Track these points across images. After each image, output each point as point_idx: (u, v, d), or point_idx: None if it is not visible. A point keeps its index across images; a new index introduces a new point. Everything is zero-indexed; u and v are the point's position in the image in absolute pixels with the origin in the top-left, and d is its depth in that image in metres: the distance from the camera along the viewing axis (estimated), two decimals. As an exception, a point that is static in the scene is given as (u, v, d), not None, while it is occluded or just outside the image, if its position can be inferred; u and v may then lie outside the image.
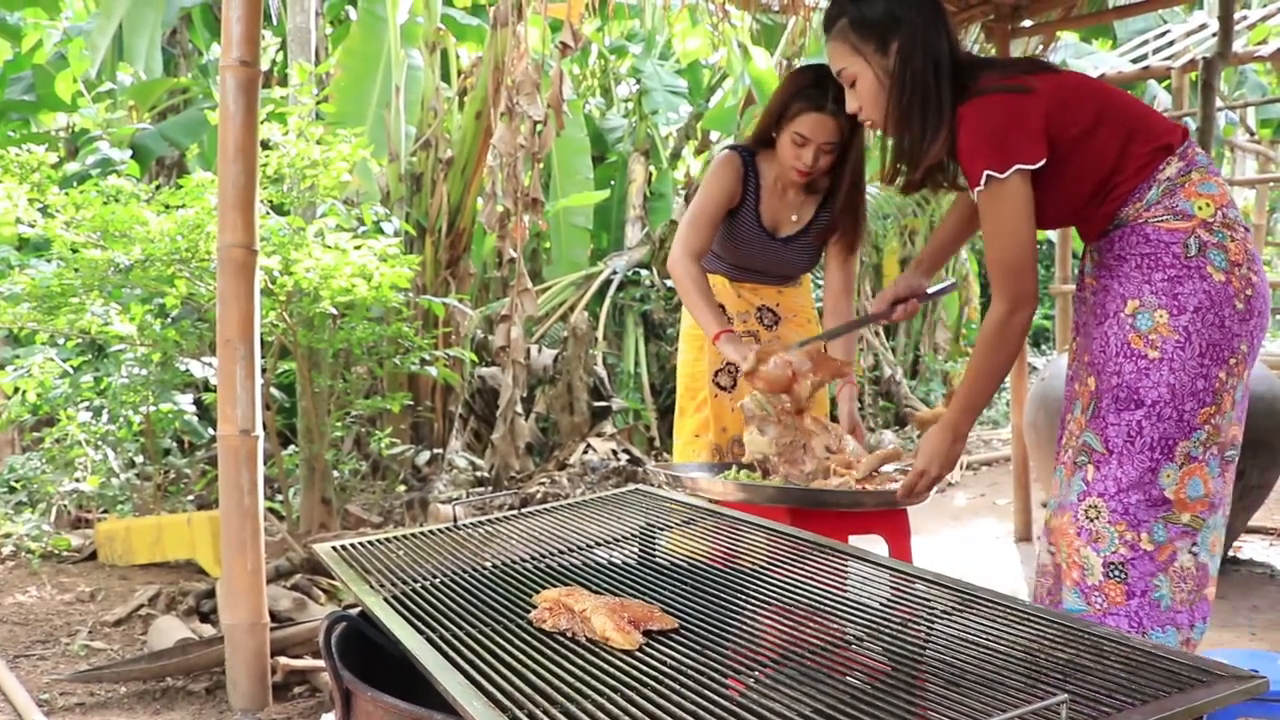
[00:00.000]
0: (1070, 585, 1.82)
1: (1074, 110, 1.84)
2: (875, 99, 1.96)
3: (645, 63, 8.48)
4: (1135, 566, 1.79)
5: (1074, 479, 1.86)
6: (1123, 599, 1.78)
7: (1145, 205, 1.84)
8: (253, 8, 2.50)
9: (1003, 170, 1.80)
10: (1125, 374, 1.82)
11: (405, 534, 1.86)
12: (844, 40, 1.97)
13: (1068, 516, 1.83)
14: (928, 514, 4.75)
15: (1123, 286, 1.85)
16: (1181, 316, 1.79)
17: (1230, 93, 9.41)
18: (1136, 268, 1.84)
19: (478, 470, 5.76)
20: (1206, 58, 4.39)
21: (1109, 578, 1.79)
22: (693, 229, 2.70)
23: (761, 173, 2.73)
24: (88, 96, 7.37)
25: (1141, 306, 1.82)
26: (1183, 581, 1.83)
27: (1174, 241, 1.81)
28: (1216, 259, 1.81)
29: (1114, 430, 1.81)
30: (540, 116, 5.31)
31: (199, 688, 2.86)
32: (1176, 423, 1.80)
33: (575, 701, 1.08)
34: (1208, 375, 1.80)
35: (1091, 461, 1.83)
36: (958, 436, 2.01)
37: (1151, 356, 1.80)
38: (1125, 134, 1.85)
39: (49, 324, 4.07)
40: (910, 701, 1.09)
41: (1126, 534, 1.79)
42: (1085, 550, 1.80)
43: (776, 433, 2.43)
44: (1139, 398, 1.80)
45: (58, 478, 4.43)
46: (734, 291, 2.87)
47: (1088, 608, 1.80)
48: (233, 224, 2.50)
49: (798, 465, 2.41)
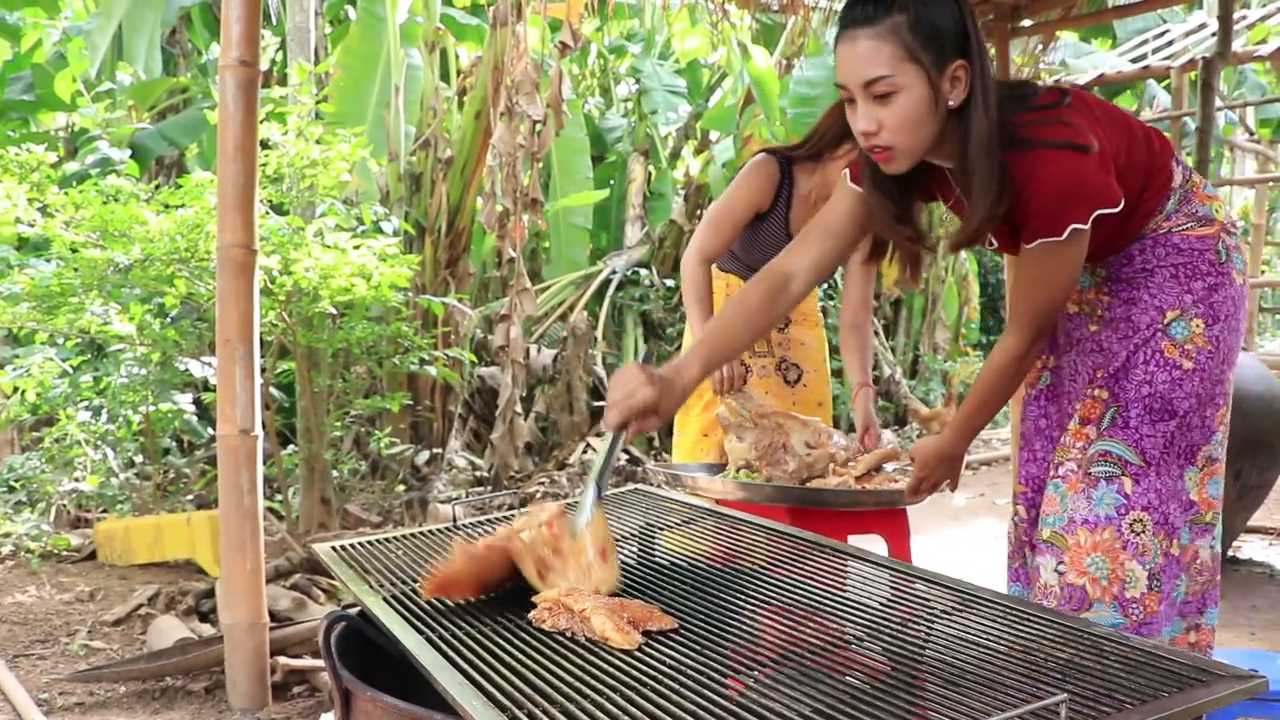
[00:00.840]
0: (1108, 600, 1.75)
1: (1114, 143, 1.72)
2: (919, 123, 1.60)
3: (644, 62, 8.47)
4: (1166, 572, 1.77)
5: (1098, 492, 1.78)
6: (1157, 607, 1.76)
7: (1165, 216, 1.79)
8: (252, 7, 2.50)
9: (1086, 221, 1.62)
10: (1158, 384, 1.76)
11: (404, 534, 1.86)
12: (895, 41, 1.56)
13: (1108, 532, 1.76)
14: (927, 514, 4.74)
15: (1156, 297, 1.79)
16: (1215, 326, 1.77)
17: (1230, 92, 9.41)
18: (1172, 277, 1.78)
19: (477, 470, 5.76)
20: (1206, 57, 4.39)
21: (1151, 589, 1.75)
22: (713, 230, 2.64)
23: (797, 182, 2.64)
24: (87, 96, 7.36)
25: (1181, 315, 1.77)
26: (1199, 575, 1.83)
27: (1206, 249, 1.77)
28: (1238, 262, 1.80)
29: (1149, 442, 1.76)
30: (539, 116, 5.31)
31: (198, 687, 2.86)
32: (1200, 429, 1.80)
33: (574, 701, 1.08)
34: (1224, 379, 1.80)
35: (1127, 474, 1.75)
36: (954, 456, 1.97)
37: (1186, 367, 1.76)
38: (1145, 155, 1.78)
39: (48, 323, 4.07)
40: (910, 701, 1.09)
41: (1164, 543, 1.76)
42: (1130, 564, 1.74)
43: (754, 437, 2.43)
44: (1172, 408, 1.76)
45: (57, 477, 4.42)
46: None
47: (1124, 620, 1.74)
48: (232, 224, 2.50)
49: (780, 466, 2.39)
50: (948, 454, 1.96)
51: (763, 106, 7.10)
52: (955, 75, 1.59)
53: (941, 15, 1.57)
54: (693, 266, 2.63)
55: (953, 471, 2.01)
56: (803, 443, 2.41)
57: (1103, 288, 1.87)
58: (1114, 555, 1.75)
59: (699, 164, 8.41)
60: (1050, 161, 1.60)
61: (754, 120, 7.33)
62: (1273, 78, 9.56)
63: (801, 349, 2.88)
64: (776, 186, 2.63)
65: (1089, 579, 1.75)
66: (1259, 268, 7.34)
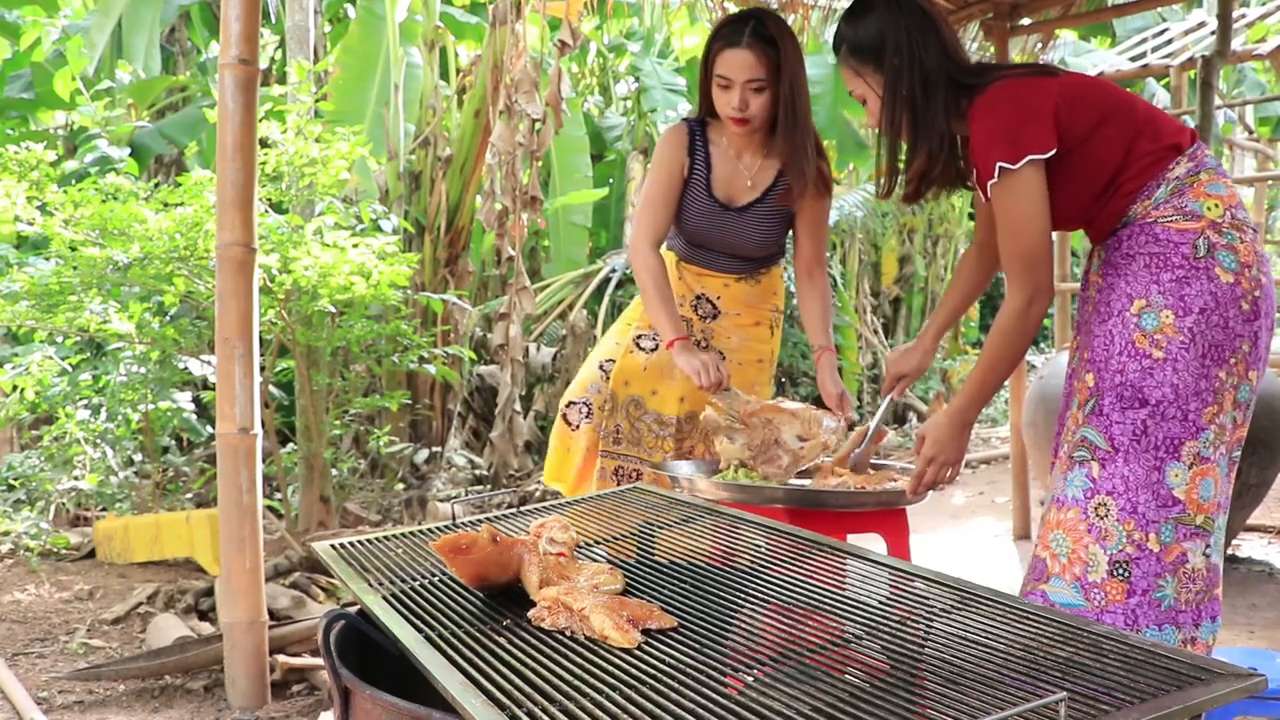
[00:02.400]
0: (1069, 580, 1.81)
1: (1081, 107, 1.86)
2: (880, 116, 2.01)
3: (644, 61, 8.47)
4: (1139, 566, 1.79)
5: (1073, 474, 1.86)
6: (1122, 597, 1.79)
7: (1154, 204, 1.86)
8: (251, 6, 2.50)
9: (1015, 161, 1.82)
10: (1129, 372, 1.82)
11: (404, 532, 1.86)
12: (847, 65, 2.02)
13: (1073, 512, 1.83)
14: (926, 512, 4.75)
15: (1129, 285, 1.86)
16: (1187, 318, 1.80)
17: (1229, 91, 9.41)
18: (1145, 267, 1.85)
19: (476, 468, 5.76)
20: (1205, 56, 4.38)
21: (1113, 576, 1.79)
22: (649, 210, 2.60)
23: (711, 140, 2.60)
24: (86, 94, 7.36)
25: (1148, 306, 1.83)
26: (1191, 583, 1.82)
27: (1183, 242, 1.82)
28: (1226, 260, 1.82)
29: (1118, 428, 1.82)
30: (539, 115, 5.31)
31: (197, 686, 2.86)
32: (1181, 423, 1.81)
33: (574, 700, 1.08)
34: (1209, 375, 1.81)
35: (1095, 458, 1.83)
36: (965, 424, 2.01)
37: (1156, 356, 1.81)
38: (1132, 132, 1.87)
39: (47, 322, 4.07)
40: (909, 700, 1.09)
41: (1134, 533, 1.79)
42: (1093, 547, 1.80)
43: (746, 437, 2.39)
44: (1143, 396, 1.81)
45: (56, 476, 4.42)
46: (677, 272, 2.73)
47: (1085, 603, 1.80)
48: (231, 222, 2.50)
49: (775, 463, 2.38)
50: (960, 420, 2.00)
51: (762, 105, 7.09)
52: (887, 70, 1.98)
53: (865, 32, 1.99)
54: (645, 253, 2.56)
55: (961, 450, 2.04)
56: (794, 436, 2.39)
57: (1099, 270, 1.95)
58: (1077, 536, 1.83)
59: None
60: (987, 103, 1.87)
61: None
62: (1272, 76, 9.55)
63: (725, 341, 2.73)
64: (690, 149, 2.59)
65: (1050, 554, 1.86)
66: (1258, 266, 7.32)
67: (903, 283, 9.00)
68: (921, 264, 8.92)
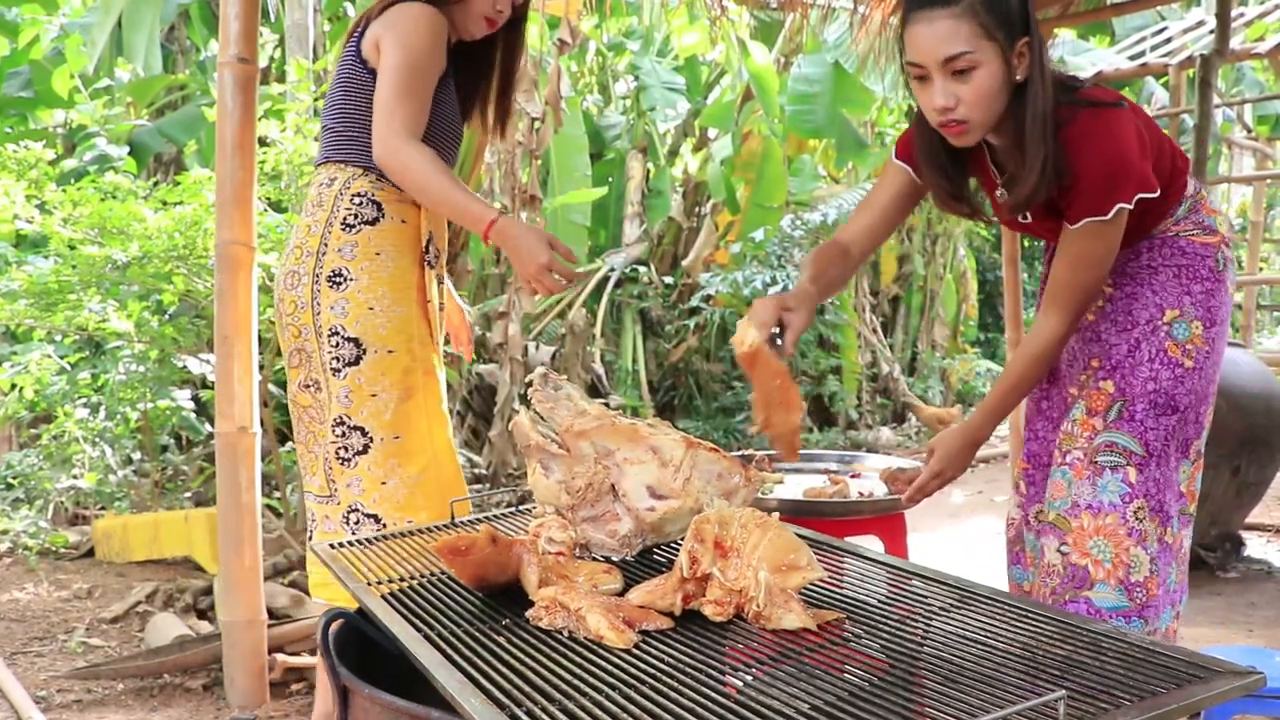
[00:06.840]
0: (1114, 584, 1.83)
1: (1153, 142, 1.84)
2: (995, 98, 1.71)
3: (643, 59, 8.45)
4: (1161, 559, 1.87)
5: (1104, 480, 1.86)
6: (1157, 591, 1.86)
7: (1174, 220, 1.91)
8: (250, 5, 2.50)
9: (1130, 201, 1.72)
10: (1162, 380, 1.87)
11: (403, 531, 1.86)
12: (971, 20, 1.67)
13: (1112, 518, 1.84)
14: (925, 511, 4.74)
15: (1158, 295, 1.90)
16: (1213, 328, 1.89)
17: (1228, 90, 9.40)
18: (1174, 278, 1.90)
19: (475, 467, 5.76)
20: (1204, 55, 4.38)
21: (1152, 574, 1.85)
22: (412, 100, 2.01)
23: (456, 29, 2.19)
24: (85, 93, 7.35)
25: (1181, 316, 1.88)
26: (1182, 565, 1.93)
27: (1208, 255, 1.90)
28: (1232, 273, 1.94)
29: (1153, 434, 1.86)
30: (538, 113, 5.31)
31: (196, 684, 2.86)
32: (1195, 424, 1.91)
33: (572, 699, 1.08)
34: (1215, 378, 1.93)
35: (1131, 464, 1.85)
36: (977, 443, 2.00)
37: (1187, 366, 1.87)
38: (1171, 163, 1.88)
39: (46, 321, 4.07)
40: (908, 698, 1.09)
41: (1159, 530, 1.87)
42: (1135, 550, 1.84)
43: (564, 471, 1.55)
44: (1175, 404, 1.87)
45: (55, 474, 4.42)
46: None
47: (1129, 604, 1.84)
48: (230, 221, 2.50)
49: (603, 524, 1.53)
50: (972, 439, 1.99)
51: (761, 103, 7.09)
52: (1021, 52, 1.71)
53: None
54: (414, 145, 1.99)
55: (966, 465, 2.04)
56: (643, 486, 1.50)
57: (1111, 280, 1.96)
58: (1118, 540, 1.84)
59: (697, 161, 8.41)
60: (1099, 141, 1.71)
61: (753, 117, 7.33)
62: (1271, 75, 9.55)
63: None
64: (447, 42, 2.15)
65: (1091, 560, 1.85)
66: (1257, 265, 7.34)
67: (901, 281, 9.00)
68: (920, 263, 8.92)
